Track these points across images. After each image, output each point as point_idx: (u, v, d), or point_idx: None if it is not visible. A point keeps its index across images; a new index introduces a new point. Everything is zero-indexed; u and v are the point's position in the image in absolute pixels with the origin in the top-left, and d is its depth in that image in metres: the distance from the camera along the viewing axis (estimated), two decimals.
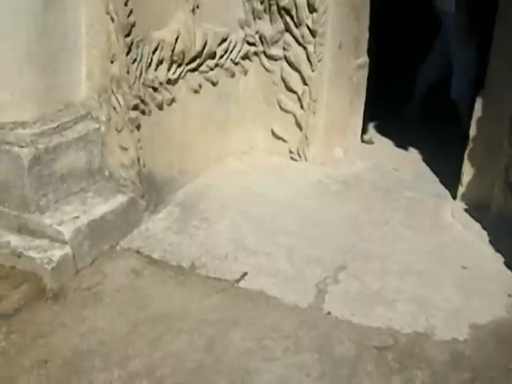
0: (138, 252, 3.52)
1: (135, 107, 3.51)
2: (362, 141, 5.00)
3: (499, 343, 2.92)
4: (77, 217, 3.34)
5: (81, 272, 3.31)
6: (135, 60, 3.44)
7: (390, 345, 2.89)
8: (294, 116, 4.45)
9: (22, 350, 2.78)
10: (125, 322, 2.99)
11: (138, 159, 3.61)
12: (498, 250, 3.60)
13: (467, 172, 4.02)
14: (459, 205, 4.07)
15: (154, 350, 2.82)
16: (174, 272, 3.37)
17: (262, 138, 4.65)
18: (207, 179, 4.30)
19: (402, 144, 5.10)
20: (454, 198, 4.16)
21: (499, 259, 3.54)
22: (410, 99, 5.63)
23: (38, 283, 3.14)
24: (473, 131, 3.93)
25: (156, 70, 3.63)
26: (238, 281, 3.30)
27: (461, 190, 4.10)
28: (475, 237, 3.76)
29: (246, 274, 3.35)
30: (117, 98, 3.45)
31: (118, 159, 3.60)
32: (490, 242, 3.68)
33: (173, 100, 3.83)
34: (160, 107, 3.74)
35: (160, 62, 3.64)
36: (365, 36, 4.35)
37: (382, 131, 5.41)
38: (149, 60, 3.54)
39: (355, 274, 3.39)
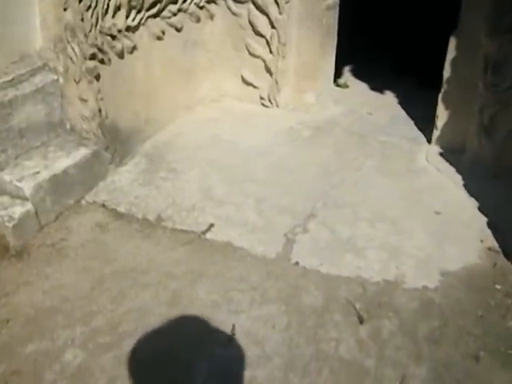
0: (103, 206, 3.44)
1: (92, 56, 3.38)
2: (337, 85, 4.88)
3: (470, 290, 2.87)
4: (37, 172, 3.24)
5: (45, 228, 3.24)
6: (90, 7, 3.29)
7: (358, 294, 2.83)
8: (264, 61, 4.33)
9: None
10: (89, 277, 2.94)
11: (100, 110, 3.50)
12: (472, 195, 3.52)
13: (442, 115, 3.91)
14: (434, 149, 3.98)
15: (118, 305, 2.76)
16: (140, 225, 3.30)
17: (232, 84, 4.53)
18: (176, 129, 4.21)
19: (377, 87, 4.96)
20: (430, 141, 4.06)
21: (473, 204, 3.47)
22: None
23: (1, 241, 3.06)
24: (447, 73, 3.79)
25: (113, 16, 3.48)
26: (204, 232, 3.23)
27: (435, 133, 4.00)
28: (450, 181, 3.68)
29: (212, 225, 3.28)
30: (72, 48, 3.30)
31: (78, 111, 3.48)
32: (465, 186, 3.60)
33: (134, 48, 3.70)
34: (120, 56, 3.61)
35: (118, 9, 3.49)
36: None
37: (358, 75, 5.26)
38: (105, 6, 3.39)
39: (325, 222, 3.32)
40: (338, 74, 4.82)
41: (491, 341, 2.60)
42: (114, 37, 3.50)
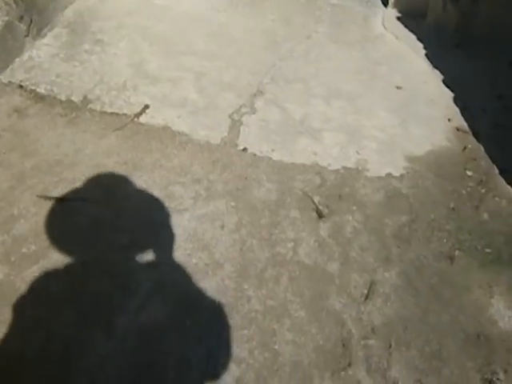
0: (20, 87, 2.99)
1: None
2: None
3: (439, 178, 2.61)
4: None
5: None
6: None
7: (316, 185, 2.52)
8: None
9: None
10: (8, 175, 2.54)
11: None
12: (435, 66, 3.20)
13: None
14: (391, 12, 3.60)
15: (43, 207, 2.38)
16: (64, 109, 2.88)
17: None
18: None
19: None
20: (386, 4, 3.66)
21: (437, 77, 3.16)
22: None
23: None
24: None
25: None
26: (138, 115, 2.84)
27: None
28: (410, 51, 3.35)
29: (147, 106, 2.89)
30: None
31: None
32: (427, 56, 3.27)
33: None
34: None
35: None
36: None
37: None
38: None
39: (275, 100, 2.96)
40: None
41: (466, 237, 2.36)
42: None
